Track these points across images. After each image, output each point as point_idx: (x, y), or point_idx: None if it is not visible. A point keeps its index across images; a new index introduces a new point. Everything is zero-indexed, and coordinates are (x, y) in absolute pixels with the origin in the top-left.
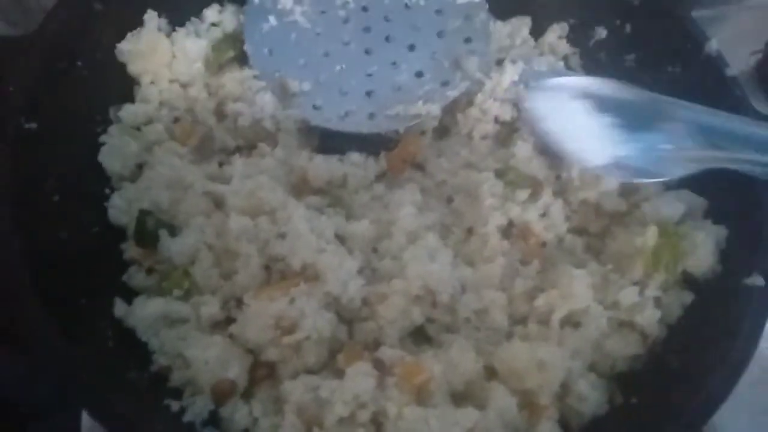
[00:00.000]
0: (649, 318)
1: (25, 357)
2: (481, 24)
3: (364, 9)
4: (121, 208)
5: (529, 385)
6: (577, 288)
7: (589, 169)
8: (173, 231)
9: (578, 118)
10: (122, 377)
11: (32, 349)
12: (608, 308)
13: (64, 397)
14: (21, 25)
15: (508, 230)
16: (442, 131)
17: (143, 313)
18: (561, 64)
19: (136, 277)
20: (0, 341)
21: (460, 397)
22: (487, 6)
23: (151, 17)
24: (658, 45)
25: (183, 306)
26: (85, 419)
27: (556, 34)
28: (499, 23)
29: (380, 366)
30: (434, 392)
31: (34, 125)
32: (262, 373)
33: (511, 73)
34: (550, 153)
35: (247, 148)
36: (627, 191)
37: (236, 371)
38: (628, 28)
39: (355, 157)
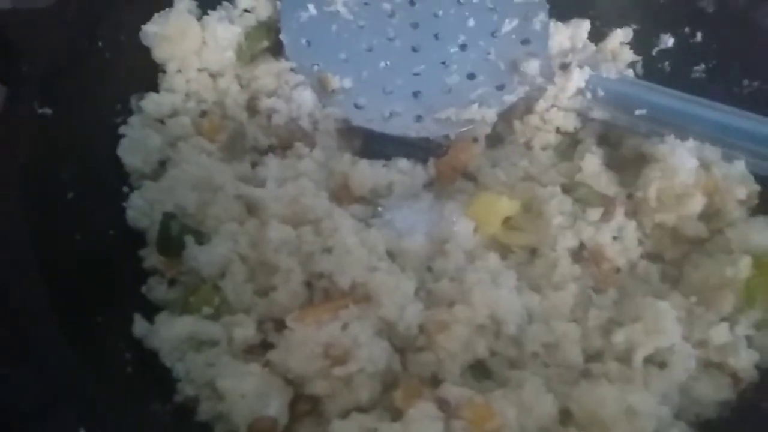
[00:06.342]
0: (744, 360)
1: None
2: (541, 25)
3: (412, 2)
4: (141, 209)
5: None
6: (664, 322)
7: None
8: (200, 238)
9: None
10: (143, 409)
11: (42, 370)
12: (696, 347)
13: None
14: None
15: (578, 254)
16: (495, 139)
17: (167, 334)
18: (630, 71)
19: (156, 289)
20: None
21: None
22: (548, 6)
23: None
24: (735, 56)
25: (213, 326)
26: None
27: (618, 39)
28: (559, 24)
29: (445, 407)
30: None
31: (48, 110)
32: (305, 408)
33: (577, 80)
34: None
35: (282, 147)
36: (708, 215)
37: (276, 406)
38: (698, 36)
39: (402, 163)
